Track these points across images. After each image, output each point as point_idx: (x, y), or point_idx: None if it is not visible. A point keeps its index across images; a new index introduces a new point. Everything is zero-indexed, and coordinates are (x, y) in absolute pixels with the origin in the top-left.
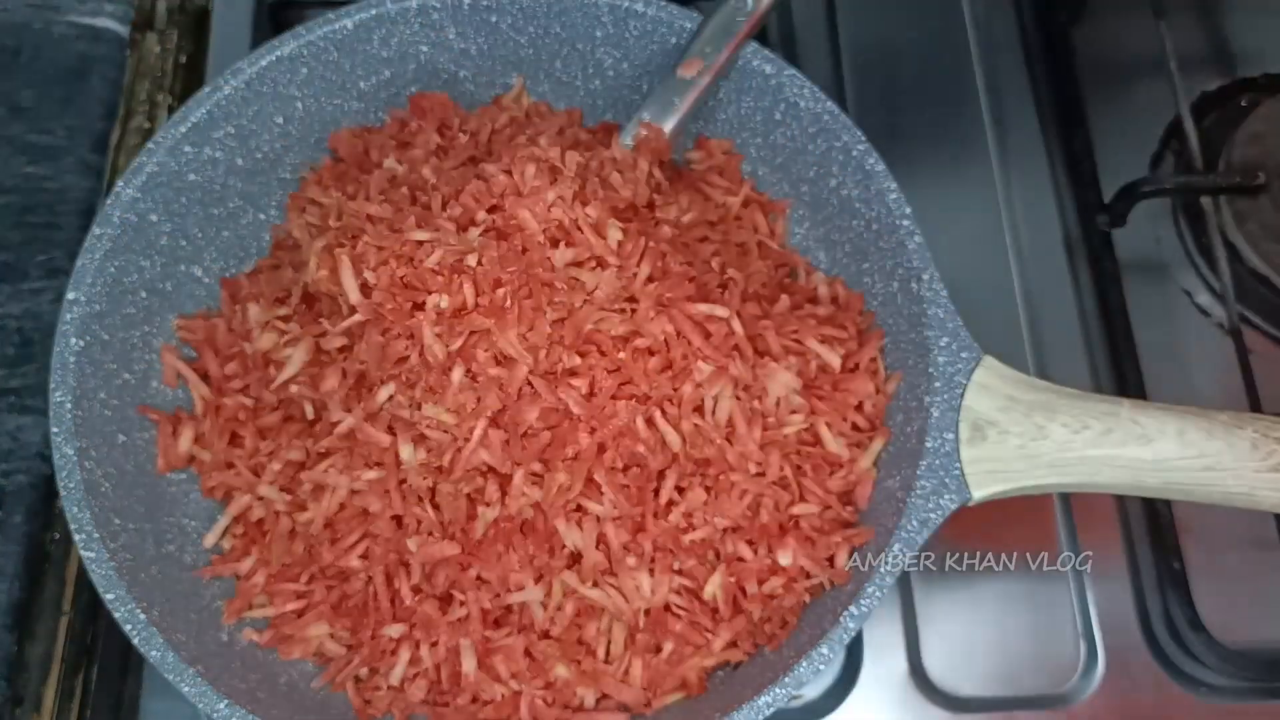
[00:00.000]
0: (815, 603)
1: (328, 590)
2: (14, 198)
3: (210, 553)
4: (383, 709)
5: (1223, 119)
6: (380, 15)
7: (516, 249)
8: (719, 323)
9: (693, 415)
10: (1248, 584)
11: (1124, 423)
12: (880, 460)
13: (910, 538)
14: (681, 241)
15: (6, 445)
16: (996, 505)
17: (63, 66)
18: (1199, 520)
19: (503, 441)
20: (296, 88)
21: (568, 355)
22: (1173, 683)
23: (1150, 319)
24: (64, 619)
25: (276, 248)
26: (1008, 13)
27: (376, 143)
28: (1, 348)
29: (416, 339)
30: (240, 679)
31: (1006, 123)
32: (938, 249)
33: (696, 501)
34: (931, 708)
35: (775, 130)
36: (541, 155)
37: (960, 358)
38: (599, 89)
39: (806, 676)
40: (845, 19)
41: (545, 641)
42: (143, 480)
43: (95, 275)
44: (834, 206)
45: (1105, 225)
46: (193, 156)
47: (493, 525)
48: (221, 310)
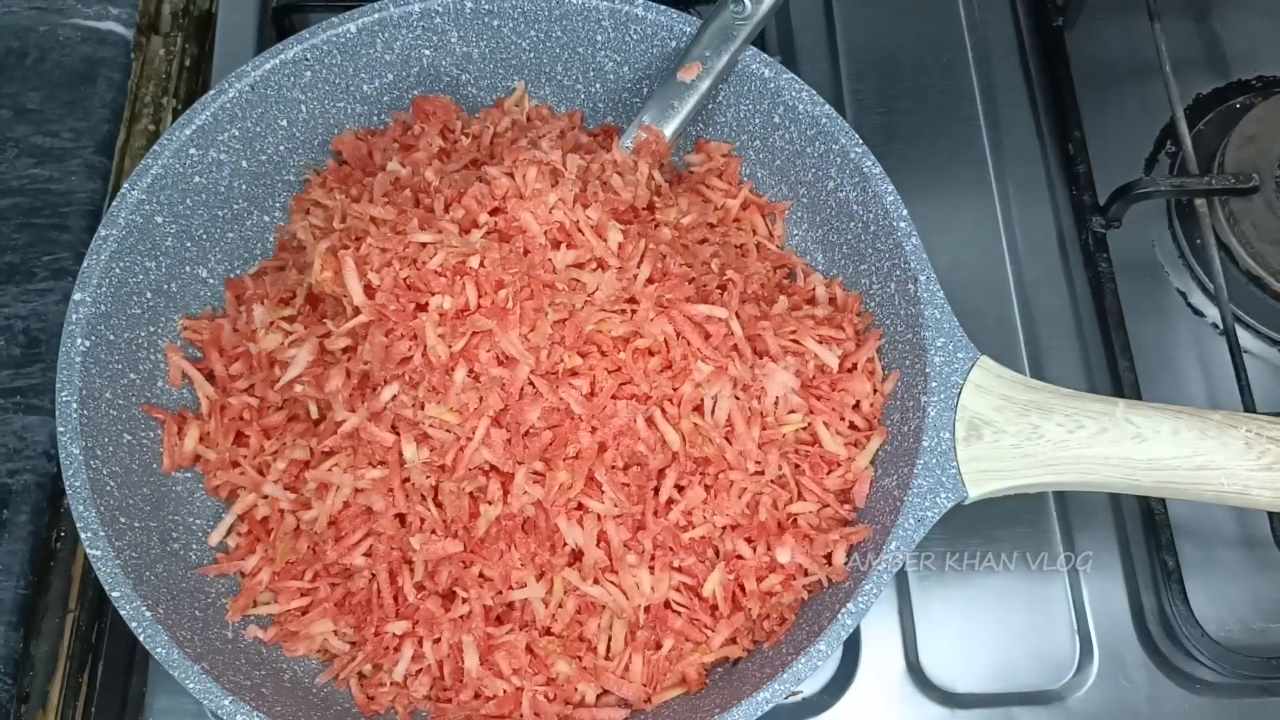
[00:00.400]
0: (813, 600)
1: (332, 588)
2: (20, 199)
3: (215, 551)
4: (386, 705)
5: (1217, 121)
6: (383, 19)
7: (518, 251)
8: (718, 323)
9: (692, 415)
10: (1241, 581)
11: (1118, 422)
12: (877, 459)
13: (907, 536)
14: (681, 243)
15: (13, 444)
16: (992, 504)
17: (68, 69)
18: (1193, 518)
19: (505, 441)
20: (301, 91)
21: (569, 355)
22: (1167, 679)
23: (1144, 319)
24: (70, 617)
25: (281, 249)
26: (1004, 16)
27: (380, 145)
28: (8, 348)
29: (420, 339)
30: (245, 675)
31: (1002, 125)
32: (934, 250)
33: (696, 500)
34: (928, 704)
35: (774, 133)
36: (543, 158)
37: (956, 358)
38: (600, 93)
39: (805, 673)
40: (843, 23)
41: (547, 638)
42: (148, 479)
43: (101, 276)
44: (832, 208)
45: (1100, 226)
46: (198, 159)
47: (495, 523)
48: (226, 311)
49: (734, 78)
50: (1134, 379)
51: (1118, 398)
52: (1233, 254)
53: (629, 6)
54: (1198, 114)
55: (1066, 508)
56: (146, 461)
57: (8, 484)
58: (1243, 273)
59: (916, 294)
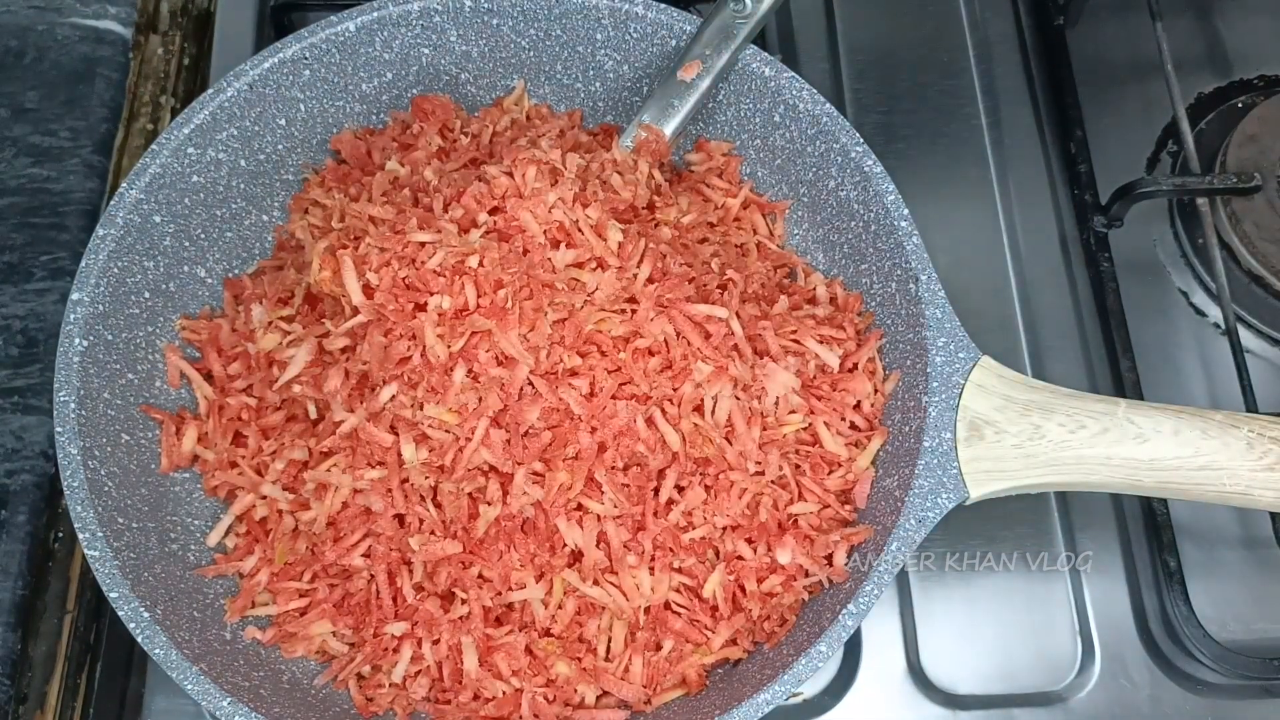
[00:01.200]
0: (814, 601)
1: (330, 588)
2: (18, 199)
3: (213, 551)
4: (385, 706)
5: (1219, 120)
6: (382, 18)
7: (518, 250)
8: (718, 323)
9: (692, 415)
10: (1243, 582)
11: (1120, 422)
12: (878, 459)
13: (908, 536)
14: (681, 243)
15: (11, 445)
16: (993, 504)
17: (67, 69)
18: (1195, 519)
19: (504, 441)
20: (299, 90)
21: (568, 355)
22: (1168, 680)
23: (1146, 319)
24: (68, 617)
25: (279, 249)
26: (1005, 15)
27: (379, 145)
28: (6, 348)
29: (418, 339)
30: (243, 676)
31: (1004, 124)
32: (935, 250)
33: (696, 500)
34: (929, 705)
35: (774, 132)
36: (542, 157)
37: (958, 358)
38: (599, 91)
39: (805, 674)
40: (844, 22)
41: (546, 639)
42: (146, 479)
43: (99, 276)
44: (832, 208)
45: (1102, 226)
46: (196, 158)
47: (494, 524)
48: (225, 311)
49: (734, 76)
50: (1136, 379)
51: (1119, 398)
52: (1234, 253)
53: (629, 5)
54: (1199, 113)
55: (1068, 508)
56: (145, 462)
57: (6, 484)
58: (1244, 272)
59: (917, 294)
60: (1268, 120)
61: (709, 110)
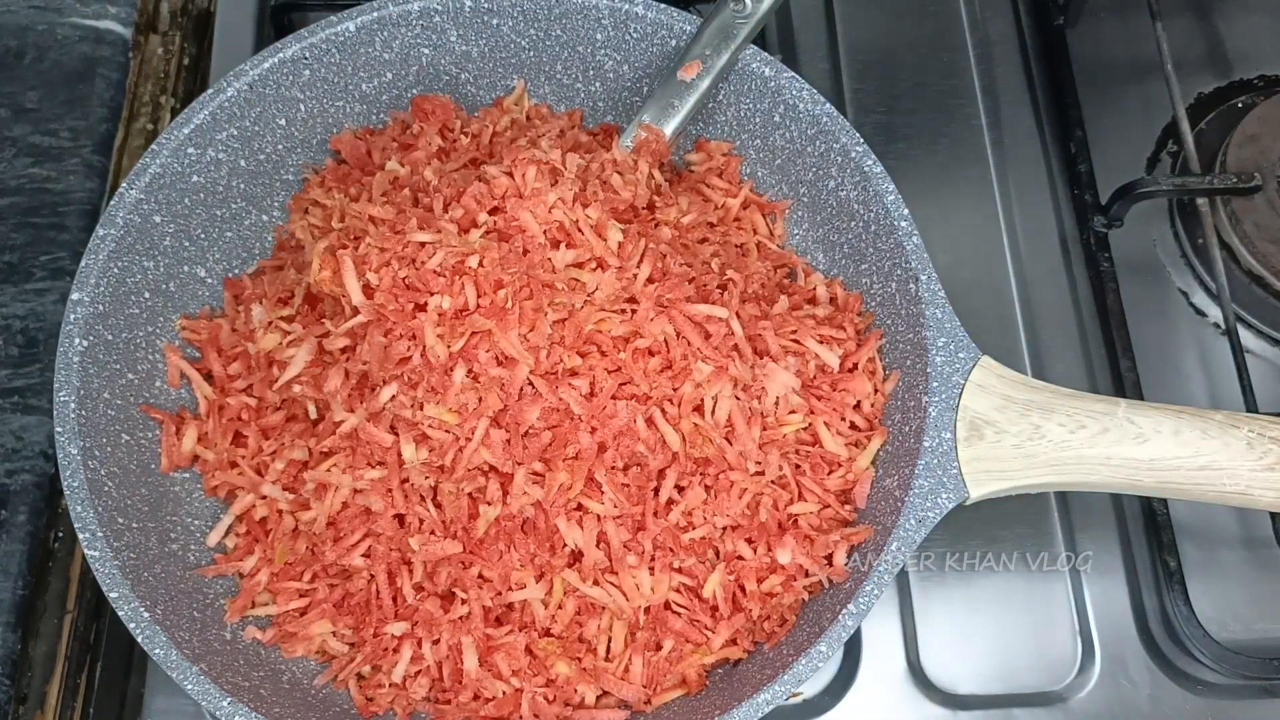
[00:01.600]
0: (814, 601)
1: (330, 588)
2: (18, 199)
3: (213, 551)
4: (385, 706)
5: (1219, 120)
6: (382, 18)
7: (518, 250)
8: (718, 323)
9: (692, 415)
10: (1243, 582)
11: (1120, 422)
12: (878, 459)
13: (908, 536)
14: (681, 243)
15: (11, 445)
16: (993, 504)
17: (67, 68)
18: (1195, 519)
19: (504, 441)
20: (299, 90)
21: (568, 355)
22: (1168, 680)
23: (1146, 319)
24: (68, 617)
25: (279, 249)
26: (1005, 15)
27: (379, 145)
28: (6, 348)
29: (418, 340)
30: (243, 676)
31: (1004, 124)
32: (935, 250)
33: (696, 500)
34: (929, 705)
35: (774, 132)
36: (542, 157)
37: (958, 358)
38: (599, 91)
39: (805, 674)
40: (844, 21)
41: (546, 639)
42: (146, 479)
43: (99, 276)
44: (832, 208)
45: (1102, 226)
46: (196, 158)
47: (494, 524)
48: (225, 311)
49: (734, 76)
50: (1136, 379)
51: (1119, 398)
52: (1234, 253)
53: (629, 5)
54: (1199, 113)
55: (1068, 508)
56: (145, 462)
57: (6, 484)
58: (1244, 272)
59: (918, 293)
60: (1268, 120)
61: (709, 110)
